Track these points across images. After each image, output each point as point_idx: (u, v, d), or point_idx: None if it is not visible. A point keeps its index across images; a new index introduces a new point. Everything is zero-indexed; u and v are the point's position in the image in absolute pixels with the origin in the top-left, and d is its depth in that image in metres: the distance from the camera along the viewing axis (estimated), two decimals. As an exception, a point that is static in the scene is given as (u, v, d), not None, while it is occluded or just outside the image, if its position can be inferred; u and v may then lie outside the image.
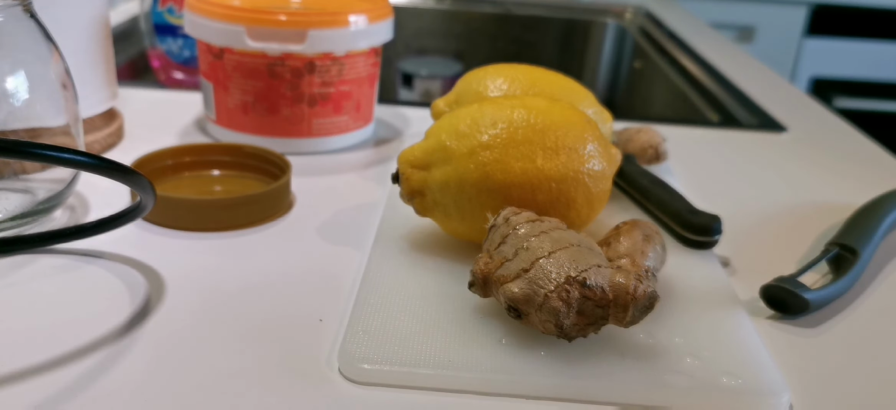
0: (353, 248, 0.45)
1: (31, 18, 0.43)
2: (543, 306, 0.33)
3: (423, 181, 0.42)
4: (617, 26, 1.26)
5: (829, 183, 0.61)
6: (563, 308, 0.33)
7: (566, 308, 0.33)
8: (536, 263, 0.34)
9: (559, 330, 0.34)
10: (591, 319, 0.34)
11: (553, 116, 0.41)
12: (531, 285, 0.34)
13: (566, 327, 0.34)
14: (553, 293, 0.33)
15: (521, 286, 0.34)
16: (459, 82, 0.52)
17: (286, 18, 0.55)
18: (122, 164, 0.34)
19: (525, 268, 0.34)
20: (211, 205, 0.46)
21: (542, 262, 0.34)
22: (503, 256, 0.36)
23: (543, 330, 0.34)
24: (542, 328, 0.34)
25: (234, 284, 0.41)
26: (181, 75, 0.78)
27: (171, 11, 0.76)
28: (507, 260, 0.35)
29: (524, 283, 0.34)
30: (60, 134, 0.45)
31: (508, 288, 0.34)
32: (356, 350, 0.35)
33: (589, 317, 0.34)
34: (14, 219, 0.44)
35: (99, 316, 0.37)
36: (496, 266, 0.36)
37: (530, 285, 0.34)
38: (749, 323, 0.39)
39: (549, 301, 0.33)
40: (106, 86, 0.57)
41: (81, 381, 0.33)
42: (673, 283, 0.42)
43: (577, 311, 0.33)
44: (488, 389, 0.34)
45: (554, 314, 0.33)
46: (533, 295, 0.34)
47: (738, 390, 0.34)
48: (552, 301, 0.33)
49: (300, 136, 0.58)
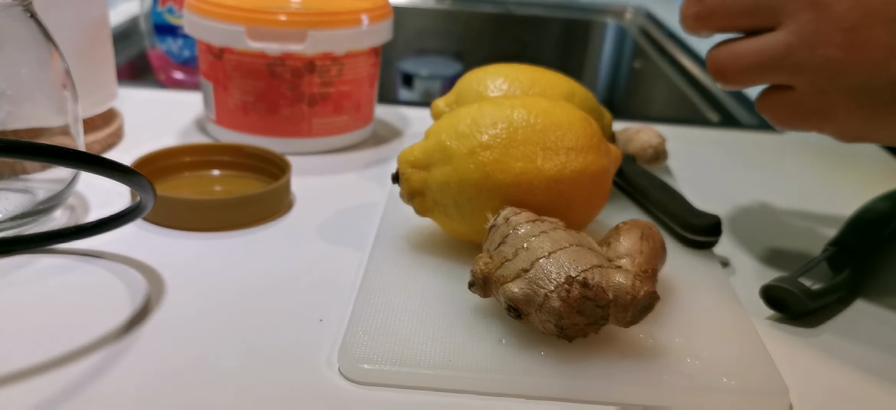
0: (353, 248, 0.45)
1: (31, 18, 0.43)
2: (543, 306, 0.33)
3: (423, 181, 0.42)
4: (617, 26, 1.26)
5: (828, 183, 0.61)
6: (564, 308, 0.33)
7: (566, 308, 0.33)
8: (536, 263, 0.34)
9: (559, 330, 0.34)
10: (591, 319, 0.34)
11: (553, 116, 0.41)
12: (531, 285, 0.34)
13: (566, 327, 0.34)
14: (553, 293, 0.33)
15: (521, 286, 0.34)
16: (459, 82, 0.52)
17: (286, 18, 0.55)
18: (122, 164, 0.34)
19: (525, 268, 0.34)
20: (211, 204, 0.46)
21: (542, 262, 0.34)
22: (503, 256, 0.36)
23: (543, 330, 0.34)
24: (541, 328, 0.34)
25: (234, 284, 0.41)
26: (181, 75, 0.78)
27: (171, 11, 0.76)
28: (508, 259, 0.35)
29: (524, 283, 0.34)
30: (60, 134, 0.45)
31: (508, 288, 0.34)
32: (356, 350, 0.35)
33: (589, 317, 0.34)
34: (14, 219, 0.44)
35: (99, 316, 0.37)
36: (496, 266, 0.36)
37: (530, 285, 0.34)
38: (749, 323, 0.39)
39: (549, 301, 0.33)
40: (106, 86, 0.57)
41: (81, 381, 0.33)
42: (673, 283, 0.42)
43: (577, 311, 0.33)
44: (488, 389, 0.34)
45: (554, 314, 0.33)
46: (533, 295, 0.34)
47: (738, 390, 0.34)
48: (552, 301, 0.33)
49: (300, 136, 0.58)
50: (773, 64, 0.37)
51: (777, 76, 0.38)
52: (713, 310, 0.39)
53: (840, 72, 0.35)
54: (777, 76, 0.38)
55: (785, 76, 0.37)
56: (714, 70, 0.40)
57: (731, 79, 0.39)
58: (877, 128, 0.37)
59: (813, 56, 0.36)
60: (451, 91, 0.52)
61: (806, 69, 0.36)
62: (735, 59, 0.38)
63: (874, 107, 0.36)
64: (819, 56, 0.36)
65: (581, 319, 0.34)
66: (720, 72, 0.39)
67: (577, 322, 0.34)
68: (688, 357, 0.35)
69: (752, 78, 0.38)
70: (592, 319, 0.34)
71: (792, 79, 0.37)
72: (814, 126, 0.38)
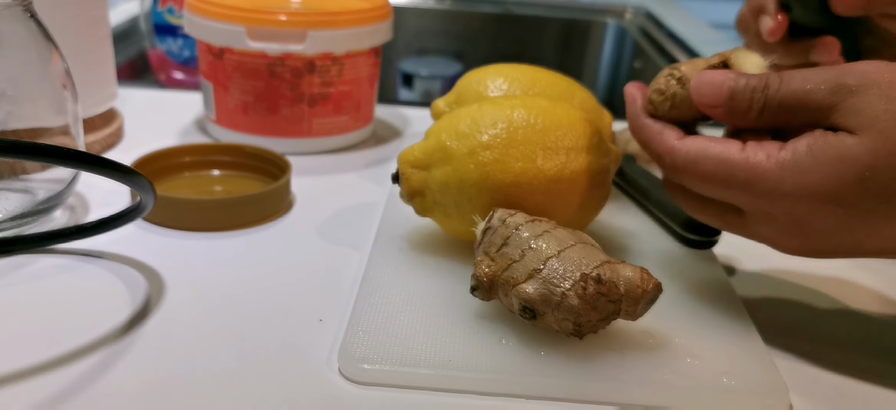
0: (353, 248, 0.45)
1: (31, 18, 0.43)
2: (561, 304, 0.34)
3: (423, 181, 0.42)
4: (617, 26, 1.26)
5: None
6: (582, 305, 0.33)
7: (584, 304, 0.33)
8: (548, 262, 0.34)
9: (576, 328, 0.34)
10: (603, 314, 0.34)
11: (553, 116, 0.41)
12: (546, 285, 0.34)
13: (583, 324, 0.34)
14: (570, 291, 0.33)
15: (535, 286, 0.34)
16: (459, 82, 0.52)
17: (286, 18, 0.55)
18: (122, 164, 0.34)
19: (537, 269, 0.34)
20: (211, 205, 0.46)
21: (553, 261, 0.34)
22: (509, 258, 0.35)
23: (559, 328, 0.34)
24: (557, 327, 0.34)
25: (234, 284, 0.41)
26: (181, 75, 0.78)
27: (171, 11, 0.76)
28: (514, 261, 0.35)
29: (539, 283, 0.34)
30: (60, 134, 0.45)
31: (522, 289, 0.34)
32: (356, 350, 0.35)
33: (601, 312, 0.34)
34: (14, 219, 0.44)
35: (99, 316, 0.37)
36: (501, 268, 0.36)
37: (545, 285, 0.34)
38: (749, 323, 0.39)
39: (566, 299, 0.33)
40: (106, 86, 0.57)
41: (81, 381, 0.33)
42: (673, 283, 0.42)
43: (591, 307, 0.34)
44: (488, 389, 0.34)
45: (573, 312, 0.33)
46: (549, 295, 0.34)
47: (738, 390, 0.34)
48: (570, 299, 0.33)
49: (300, 136, 0.58)
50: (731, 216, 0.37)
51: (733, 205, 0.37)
52: (713, 310, 0.39)
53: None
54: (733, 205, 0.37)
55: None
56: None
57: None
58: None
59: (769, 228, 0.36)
60: (451, 91, 0.52)
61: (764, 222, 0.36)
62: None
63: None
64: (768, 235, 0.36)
65: (595, 315, 0.34)
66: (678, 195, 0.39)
67: (592, 318, 0.34)
68: (688, 357, 0.35)
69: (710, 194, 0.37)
70: (604, 314, 0.34)
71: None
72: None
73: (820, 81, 0.34)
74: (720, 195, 0.36)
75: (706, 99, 0.36)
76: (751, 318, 0.39)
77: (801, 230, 0.34)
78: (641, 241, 0.47)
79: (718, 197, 0.36)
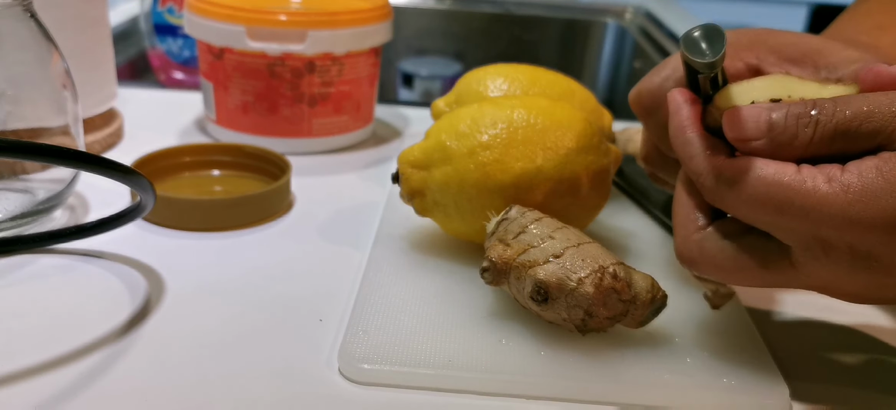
0: (353, 248, 0.45)
1: (31, 18, 0.43)
2: (576, 291, 0.34)
3: (423, 181, 0.42)
4: (617, 26, 1.26)
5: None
6: (596, 294, 0.34)
7: (598, 295, 0.34)
8: (567, 251, 0.35)
9: (584, 319, 0.34)
10: (611, 312, 0.34)
11: (553, 116, 0.41)
12: (563, 270, 0.34)
13: (592, 316, 0.34)
14: (587, 279, 0.34)
15: (552, 270, 0.34)
16: (459, 82, 0.52)
17: (286, 18, 0.55)
18: (122, 164, 0.34)
19: (556, 254, 0.35)
20: (211, 204, 0.46)
21: (573, 251, 0.35)
22: (527, 243, 0.36)
23: (567, 317, 0.35)
24: (566, 315, 0.35)
25: (234, 284, 0.41)
26: (181, 75, 0.78)
27: (171, 11, 0.76)
28: (533, 246, 0.35)
29: (556, 267, 0.34)
30: (60, 134, 0.45)
31: (538, 271, 0.34)
32: (356, 350, 0.35)
33: (610, 310, 0.34)
34: (14, 219, 0.44)
35: (99, 316, 0.37)
36: (517, 252, 0.36)
37: (563, 270, 0.34)
38: (749, 323, 0.39)
39: (582, 286, 0.34)
40: (106, 86, 0.57)
41: (81, 381, 0.33)
42: (673, 283, 0.42)
43: (603, 302, 0.34)
44: (488, 389, 0.34)
45: (586, 300, 0.34)
46: (565, 280, 0.34)
47: (738, 390, 0.34)
48: (586, 286, 0.34)
49: (300, 136, 0.58)
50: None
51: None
52: (713, 310, 0.39)
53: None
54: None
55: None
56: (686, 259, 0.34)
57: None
58: None
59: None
60: (451, 91, 0.52)
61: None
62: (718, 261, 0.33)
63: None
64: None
65: (604, 311, 0.34)
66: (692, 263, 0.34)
67: (601, 313, 0.34)
68: (688, 357, 0.36)
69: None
70: (613, 313, 0.34)
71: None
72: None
73: (883, 102, 0.30)
74: (770, 222, 0.31)
75: (742, 133, 0.31)
76: (751, 318, 0.39)
77: (867, 266, 0.30)
78: (641, 241, 0.47)
79: (768, 225, 0.31)
